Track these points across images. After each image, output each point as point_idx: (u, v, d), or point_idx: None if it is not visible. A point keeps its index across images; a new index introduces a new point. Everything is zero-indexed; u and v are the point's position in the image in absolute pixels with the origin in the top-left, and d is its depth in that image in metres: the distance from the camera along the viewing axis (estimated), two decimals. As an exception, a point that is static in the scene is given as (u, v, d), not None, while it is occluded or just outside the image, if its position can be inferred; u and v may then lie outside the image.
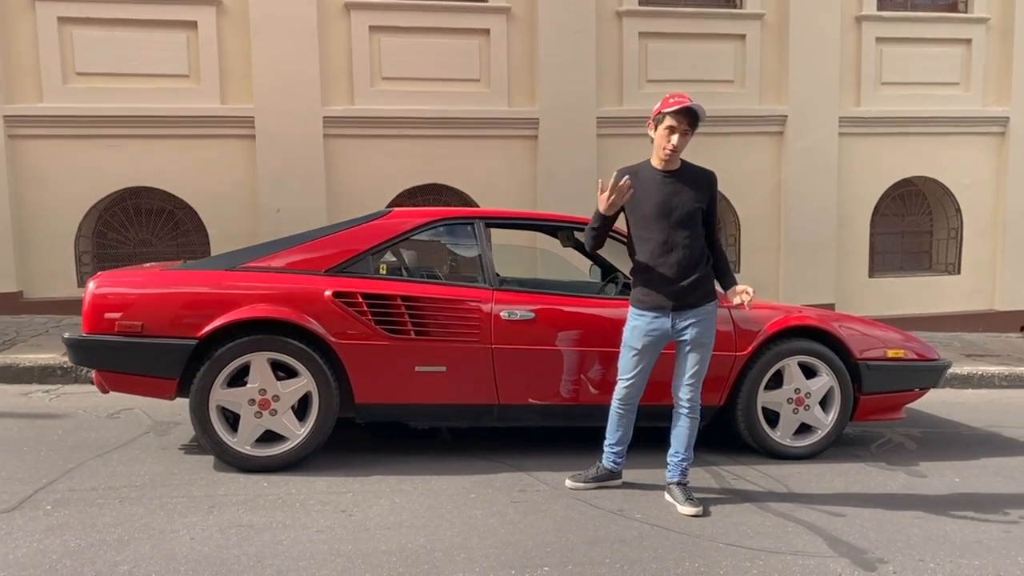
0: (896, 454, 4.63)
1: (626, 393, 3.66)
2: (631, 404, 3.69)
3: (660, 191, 3.51)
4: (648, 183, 3.53)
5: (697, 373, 3.57)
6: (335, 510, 3.41)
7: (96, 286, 3.85)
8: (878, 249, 9.20)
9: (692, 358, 3.55)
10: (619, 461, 3.81)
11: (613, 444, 3.78)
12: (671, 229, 3.49)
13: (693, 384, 3.58)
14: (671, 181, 3.52)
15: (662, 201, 3.50)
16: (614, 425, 3.74)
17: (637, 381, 3.64)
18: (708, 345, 3.57)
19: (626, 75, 8.21)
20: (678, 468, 3.65)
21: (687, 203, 3.48)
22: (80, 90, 7.31)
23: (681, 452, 3.64)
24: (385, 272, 4.21)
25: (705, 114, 3.45)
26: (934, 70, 8.89)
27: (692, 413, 3.62)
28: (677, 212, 3.49)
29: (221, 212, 7.62)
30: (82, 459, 3.93)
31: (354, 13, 7.69)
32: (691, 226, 3.50)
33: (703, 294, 3.53)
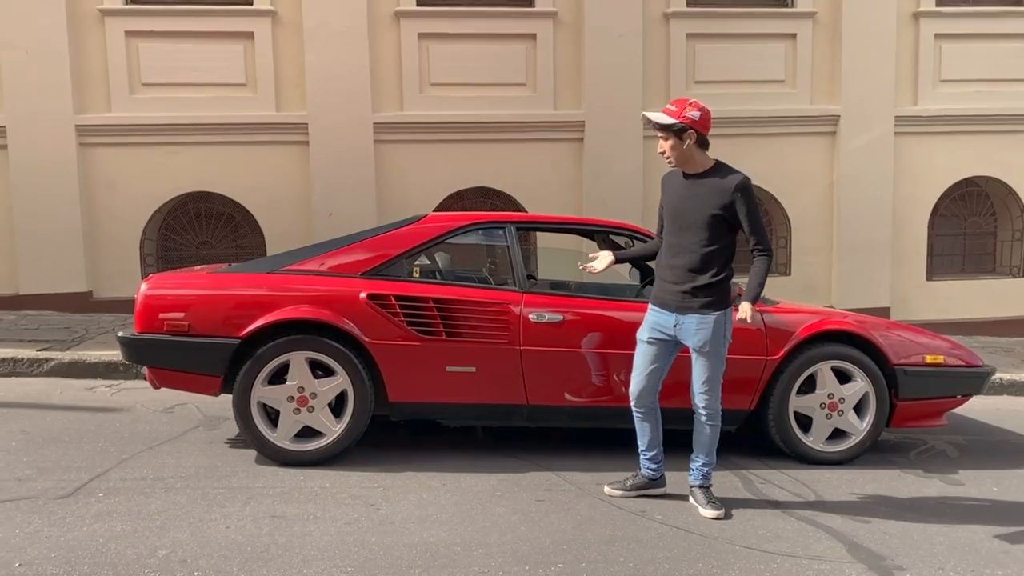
0: (935, 461, 4.54)
1: (638, 392, 3.67)
2: (645, 406, 3.70)
3: (677, 195, 3.60)
4: (672, 186, 3.64)
5: (709, 380, 3.57)
6: (365, 504, 3.56)
7: (148, 288, 4.10)
8: (937, 251, 8.94)
9: (699, 365, 3.57)
10: (655, 467, 3.79)
11: (644, 450, 3.79)
12: (680, 232, 3.55)
13: (706, 391, 3.58)
14: (689, 185, 3.57)
15: (675, 205, 3.59)
16: (638, 430, 3.78)
17: (647, 381, 3.65)
18: (715, 353, 3.55)
19: (673, 77, 8.19)
20: (700, 472, 3.68)
21: (699, 208, 3.50)
22: (145, 100, 7.69)
23: (703, 458, 3.67)
24: (418, 275, 4.35)
25: (657, 120, 3.49)
26: (998, 67, 8.58)
27: (711, 420, 3.62)
28: (688, 217, 3.53)
29: (276, 215, 7.91)
30: (135, 451, 4.18)
31: (403, 21, 7.88)
32: (703, 232, 3.50)
33: (708, 302, 3.51)
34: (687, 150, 3.50)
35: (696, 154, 3.53)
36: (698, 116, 3.48)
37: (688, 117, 3.46)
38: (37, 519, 3.25)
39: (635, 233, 4.59)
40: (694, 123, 3.47)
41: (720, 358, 3.58)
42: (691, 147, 3.50)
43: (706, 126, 3.51)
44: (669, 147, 3.52)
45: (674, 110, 3.50)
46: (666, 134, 3.50)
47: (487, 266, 5.00)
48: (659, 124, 3.50)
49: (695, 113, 3.48)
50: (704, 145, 3.55)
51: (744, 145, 8.28)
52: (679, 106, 3.50)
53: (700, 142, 3.51)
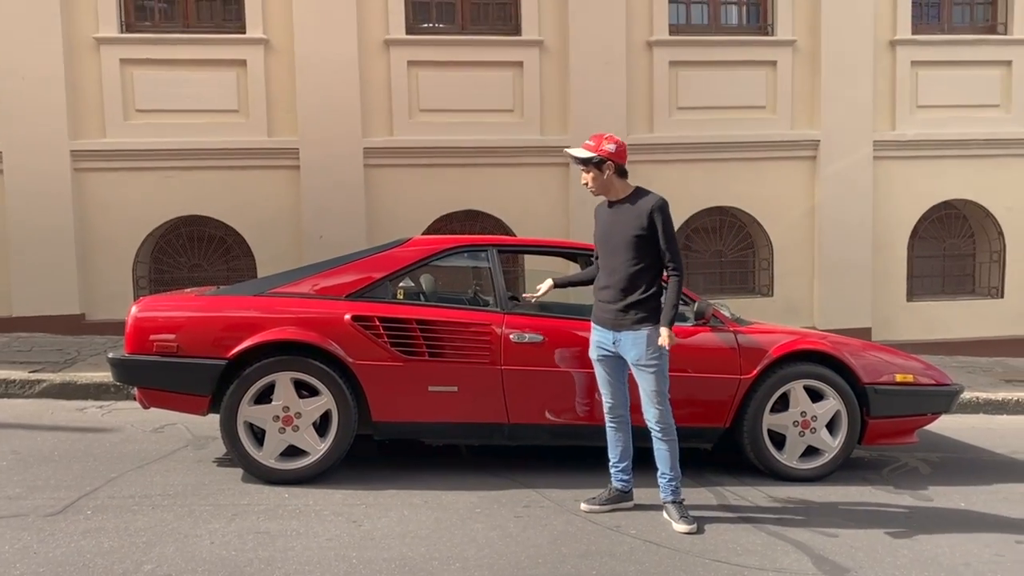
0: (907, 478, 4.66)
1: (607, 405, 3.91)
2: (617, 416, 3.89)
3: (603, 221, 3.87)
4: (601, 215, 3.92)
5: (654, 394, 3.71)
6: (347, 520, 3.66)
7: (138, 310, 4.21)
8: (917, 272, 9.10)
9: (642, 380, 3.74)
10: (626, 479, 3.95)
11: (616, 462, 3.95)
12: (609, 255, 3.80)
13: (654, 404, 3.72)
14: (613, 212, 3.82)
15: (603, 231, 3.86)
16: (610, 441, 3.95)
17: (612, 394, 3.88)
18: (654, 367, 3.69)
19: (656, 103, 8.38)
20: (669, 488, 3.79)
21: (622, 231, 3.73)
22: (139, 126, 7.84)
23: (667, 473, 3.79)
24: (402, 297, 4.47)
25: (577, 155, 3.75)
26: (972, 92, 8.81)
27: (664, 435, 3.76)
28: (613, 240, 3.77)
29: (268, 239, 8.04)
30: (124, 469, 4.27)
31: (393, 49, 8.07)
32: (628, 253, 3.71)
33: (641, 318, 3.70)
34: (607, 180, 3.75)
35: (616, 183, 3.77)
36: (614, 148, 3.72)
37: (605, 150, 3.71)
38: (27, 536, 3.34)
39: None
40: (611, 155, 3.71)
41: (661, 371, 3.73)
42: (611, 177, 3.75)
43: (622, 157, 3.76)
44: (591, 178, 3.78)
45: (592, 144, 3.75)
46: (587, 167, 3.75)
47: (470, 288, 5.13)
48: (579, 159, 3.76)
49: (611, 146, 3.72)
50: (623, 174, 3.78)
51: (726, 169, 8.49)
52: (596, 141, 3.75)
53: (619, 172, 3.76)
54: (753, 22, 8.80)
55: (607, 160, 3.71)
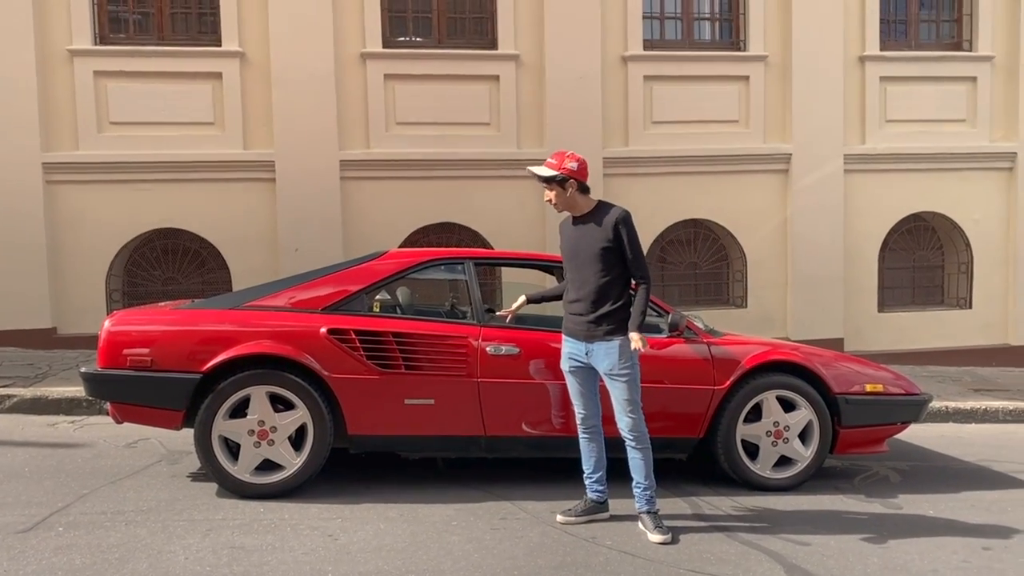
0: (878, 487, 4.73)
1: (580, 416, 3.95)
2: (590, 427, 3.94)
3: (569, 236, 3.92)
4: (566, 231, 3.98)
5: (626, 403, 3.76)
6: (323, 534, 3.65)
7: (111, 324, 4.18)
8: (888, 283, 9.26)
9: (614, 389, 3.79)
10: (601, 490, 3.98)
11: (590, 473, 3.99)
12: (577, 269, 3.86)
13: (627, 413, 3.76)
14: (577, 227, 3.88)
15: (570, 246, 3.90)
16: (584, 453, 3.99)
17: (585, 405, 3.92)
18: (626, 376, 3.74)
19: (631, 117, 8.48)
20: (643, 497, 3.82)
21: (589, 244, 3.79)
22: (113, 138, 7.79)
23: (642, 482, 3.82)
24: (378, 310, 4.48)
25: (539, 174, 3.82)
26: (940, 107, 9.01)
27: (638, 443, 3.80)
28: (581, 254, 3.82)
29: (243, 252, 8.00)
30: (96, 485, 4.23)
31: (369, 63, 8.09)
32: (595, 265, 3.77)
33: (611, 329, 3.75)
34: (570, 197, 3.82)
35: (579, 199, 3.84)
36: (576, 166, 3.79)
37: (567, 168, 3.78)
38: (-4, 553, 3.30)
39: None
40: (573, 172, 3.78)
41: (633, 380, 3.77)
42: (573, 194, 3.81)
43: (584, 174, 3.83)
44: (554, 196, 3.85)
45: (554, 163, 3.81)
46: (550, 185, 3.81)
47: (447, 301, 5.15)
48: (542, 177, 3.82)
49: (573, 164, 3.79)
50: (585, 191, 3.84)
51: (701, 183, 8.60)
52: (558, 159, 3.82)
53: (581, 188, 3.83)
54: (726, 38, 8.94)
55: (569, 178, 3.77)
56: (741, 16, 8.77)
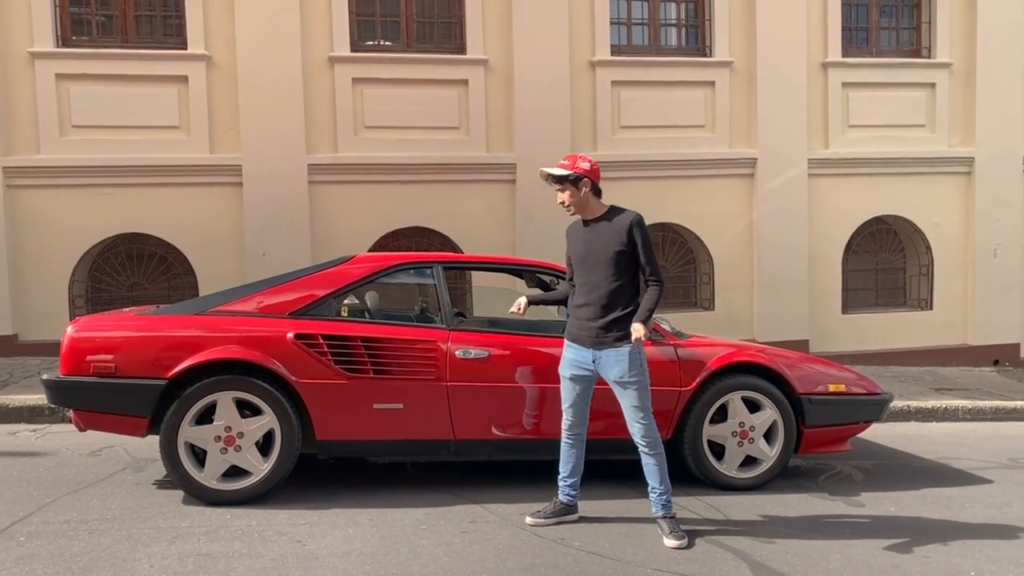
0: (841, 485, 4.82)
1: (568, 422, 3.93)
2: (575, 434, 3.94)
3: (580, 240, 3.88)
4: (576, 234, 3.94)
5: (638, 409, 3.75)
6: (291, 540, 3.63)
7: (74, 330, 4.13)
8: (851, 286, 9.42)
9: (626, 396, 3.77)
10: (573, 494, 4.00)
11: (565, 476, 3.99)
12: (589, 273, 3.82)
13: (640, 420, 3.76)
14: (590, 230, 3.86)
15: (581, 249, 3.87)
16: (564, 457, 3.98)
17: (574, 410, 3.91)
18: (636, 383, 3.75)
19: (599, 122, 8.54)
20: (659, 503, 3.82)
21: (603, 248, 3.78)
22: (76, 142, 7.67)
23: (657, 487, 3.82)
24: (346, 314, 4.47)
25: (552, 175, 3.79)
26: (900, 113, 9.19)
27: (651, 449, 3.80)
28: (593, 257, 3.80)
29: (210, 256, 7.92)
30: (59, 494, 4.16)
31: (337, 66, 8.07)
32: (609, 269, 3.76)
33: (622, 335, 3.74)
34: (584, 197, 3.81)
35: (592, 201, 3.84)
36: (589, 167, 3.82)
37: (581, 168, 3.79)
38: (-45, 564, 3.24)
39: (560, 273, 4.80)
40: (587, 172, 3.80)
41: (644, 386, 3.78)
42: (587, 194, 3.81)
43: (597, 176, 3.85)
44: (567, 196, 3.82)
45: (567, 163, 3.82)
46: (563, 185, 3.80)
47: (416, 305, 5.14)
48: (556, 176, 3.80)
49: (586, 164, 3.81)
50: (597, 193, 3.85)
51: (668, 187, 8.68)
52: (571, 160, 3.83)
53: (594, 190, 3.83)
54: (692, 44, 9.05)
55: (583, 177, 3.77)
56: (707, 22, 8.88)
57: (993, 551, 3.72)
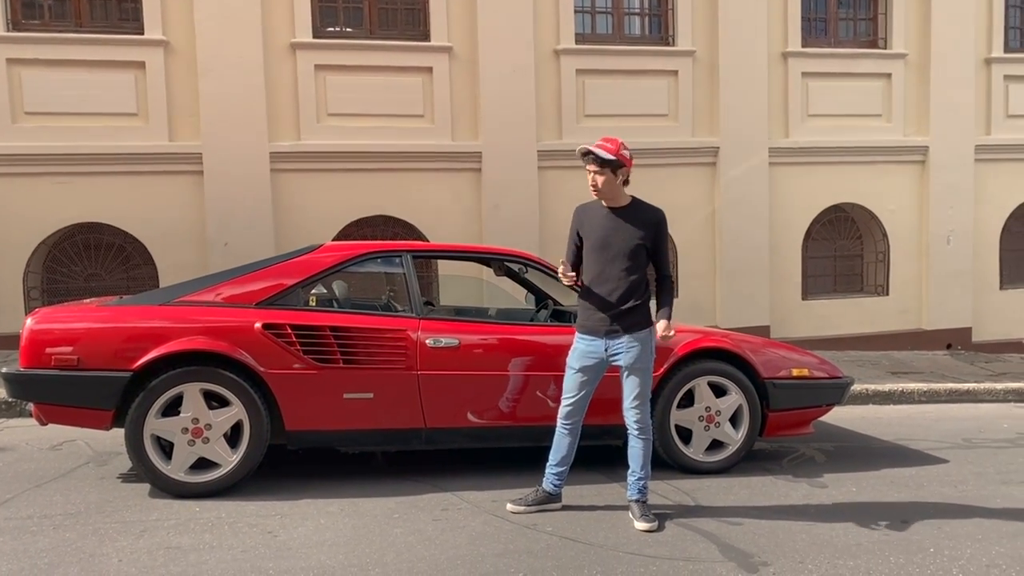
0: (804, 467, 4.93)
1: (567, 411, 3.91)
2: (573, 424, 3.93)
3: (602, 227, 3.81)
4: (595, 219, 3.85)
5: (640, 395, 3.81)
6: (262, 531, 3.60)
7: (34, 322, 4.03)
8: (811, 272, 9.61)
9: (631, 382, 3.81)
10: (559, 483, 4.01)
11: (555, 465, 3.99)
12: (608, 262, 3.79)
13: (638, 406, 3.82)
14: (613, 218, 3.80)
15: (601, 236, 3.80)
16: (557, 445, 3.98)
17: (578, 401, 3.89)
18: (645, 369, 3.81)
19: (564, 110, 8.56)
20: (636, 487, 3.88)
21: (626, 239, 3.76)
22: (29, 129, 7.47)
23: (638, 472, 3.88)
24: (315, 304, 4.43)
25: (600, 155, 3.69)
26: (857, 103, 9.38)
27: (642, 434, 3.86)
28: (614, 247, 3.77)
29: (170, 246, 7.78)
30: (20, 490, 4.08)
31: (299, 52, 7.96)
32: (629, 261, 3.76)
33: (635, 322, 3.78)
34: (617, 185, 3.77)
35: (622, 190, 3.81)
36: (629, 155, 3.77)
37: (623, 155, 3.74)
38: (-86, 563, 3.15)
39: (527, 261, 4.83)
40: (627, 160, 3.76)
41: (649, 373, 3.84)
42: (620, 183, 3.77)
43: (630, 165, 3.80)
44: (603, 181, 3.73)
45: (611, 147, 3.72)
46: (602, 168, 3.71)
47: (385, 294, 5.12)
48: (601, 159, 3.70)
49: (627, 152, 3.77)
50: (627, 182, 3.82)
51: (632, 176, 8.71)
52: (615, 144, 3.74)
53: (626, 180, 3.80)
54: (655, 33, 9.10)
55: (624, 165, 3.73)
56: (670, 12, 8.94)
57: (951, 528, 3.84)
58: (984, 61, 9.72)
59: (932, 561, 3.43)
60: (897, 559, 3.44)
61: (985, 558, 3.48)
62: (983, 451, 5.42)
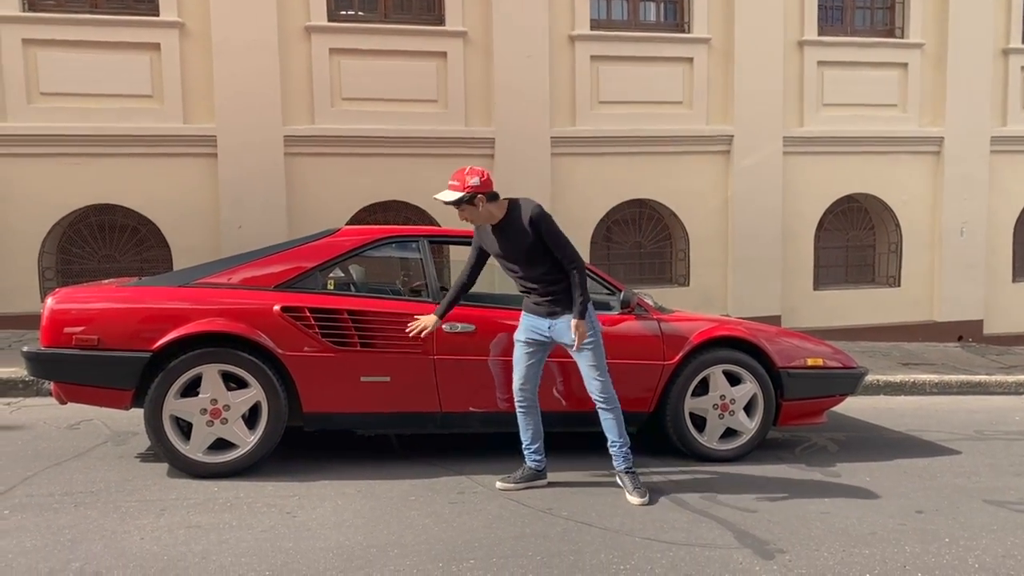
0: (817, 456, 4.94)
1: (518, 387, 4.06)
2: (525, 400, 4.08)
3: (493, 243, 3.98)
4: (487, 237, 4.00)
5: (594, 368, 3.92)
6: (280, 512, 3.63)
7: (54, 302, 4.05)
8: (823, 263, 9.59)
9: (581, 359, 3.95)
10: (538, 459, 4.13)
11: (527, 444, 4.13)
12: (508, 266, 3.99)
13: (596, 378, 3.94)
14: (499, 233, 3.92)
15: (496, 251, 3.98)
16: (521, 425, 4.13)
17: (523, 374, 4.04)
18: (589, 343, 3.88)
19: (578, 96, 8.54)
20: (619, 455, 4.00)
21: (517, 246, 3.87)
22: (45, 110, 7.48)
23: (617, 440, 3.99)
24: (332, 287, 4.45)
25: (447, 200, 3.80)
26: (873, 92, 9.33)
27: (607, 404, 3.97)
28: (512, 255, 3.92)
29: (183, 229, 7.81)
30: (40, 468, 4.12)
31: (314, 36, 7.94)
32: (532, 260, 3.87)
33: (554, 309, 3.91)
34: (483, 211, 3.84)
35: (492, 209, 3.86)
36: (478, 182, 3.80)
37: (471, 185, 3.79)
38: (-60, 538, 3.19)
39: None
40: (477, 188, 3.79)
41: (598, 347, 3.92)
42: (485, 207, 3.83)
43: (489, 186, 3.83)
44: (468, 215, 3.87)
45: (457, 184, 3.81)
46: (460, 207, 3.82)
47: (401, 278, 5.13)
48: (449, 202, 3.81)
49: (475, 179, 3.80)
50: (494, 199, 3.85)
51: (645, 163, 8.73)
52: (459, 179, 3.81)
53: (490, 199, 3.83)
54: (671, 19, 9.05)
55: (476, 195, 3.79)
56: (685, -1, 8.90)
57: (965, 518, 3.85)
58: (1001, 52, 9.64)
59: (948, 551, 3.44)
60: (913, 548, 3.45)
61: (1001, 548, 3.49)
62: (996, 443, 5.42)
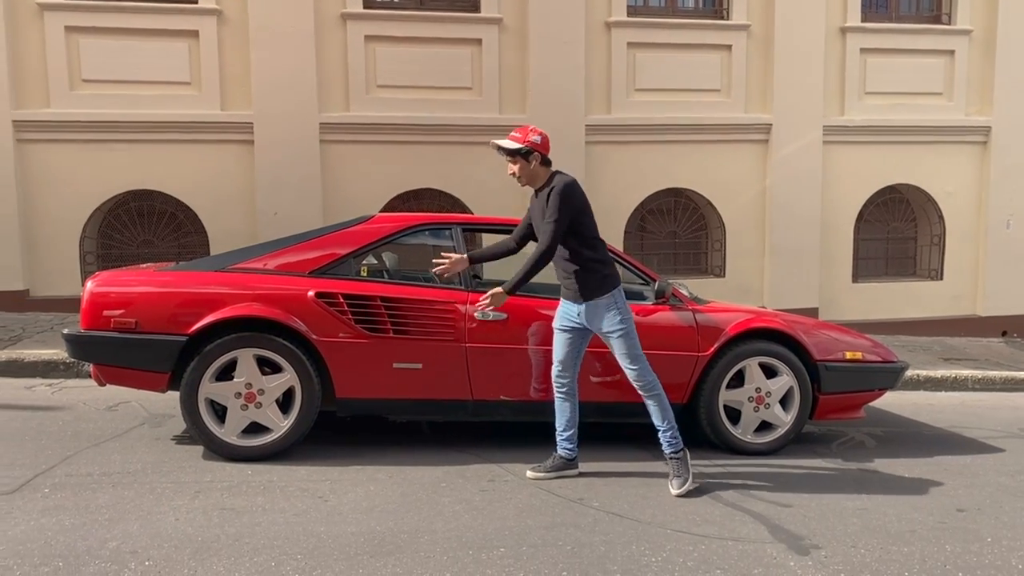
0: (854, 451, 4.85)
1: (557, 374, 4.05)
2: (564, 387, 4.06)
3: (531, 209, 4.02)
4: (531, 203, 4.03)
5: (626, 356, 3.88)
6: (312, 496, 3.66)
7: (94, 285, 4.11)
8: (862, 255, 9.40)
9: (614, 346, 3.92)
10: (570, 448, 4.10)
11: (561, 431, 4.11)
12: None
13: (632, 366, 3.90)
14: (537, 200, 3.95)
15: (533, 218, 4.00)
16: (558, 411, 4.11)
17: (564, 363, 4.03)
18: (618, 331, 3.85)
19: (614, 84, 8.44)
20: (665, 440, 3.96)
21: (541, 218, 3.87)
22: (86, 96, 7.60)
23: (662, 425, 3.95)
24: (366, 274, 4.46)
25: (505, 146, 3.84)
26: (917, 80, 9.10)
27: (647, 390, 3.92)
28: (538, 227, 3.92)
29: (221, 215, 7.89)
30: (79, 448, 4.19)
31: (350, 23, 7.95)
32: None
33: (581, 292, 3.88)
34: (533, 170, 3.87)
35: (540, 172, 3.89)
36: (539, 140, 3.86)
37: (531, 140, 3.83)
38: (-17, 514, 3.26)
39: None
40: (536, 146, 3.84)
41: (629, 334, 3.88)
42: (537, 167, 3.87)
43: (547, 147, 3.88)
44: (518, 169, 3.89)
45: (518, 136, 3.86)
46: (513, 158, 3.85)
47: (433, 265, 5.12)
48: (507, 149, 3.84)
49: (536, 137, 3.85)
50: (547, 164, 3.89)
51: (681, 152, 8.62)
52: (522, 132, 3.87)
53: (543, 162, 3.87)
54: (708, 6, 8.90)
55: (533, 151, 3.82)
56: (725, -16, 8.74)
57: (1009, 518, 3.75)
58: (1054, 39, 9.33)
59: (990, 551, 3.35)
60: (953, 547, 3.37)
61: (1045, 550, 3.39)
62: (1041, 441, 5.28)
